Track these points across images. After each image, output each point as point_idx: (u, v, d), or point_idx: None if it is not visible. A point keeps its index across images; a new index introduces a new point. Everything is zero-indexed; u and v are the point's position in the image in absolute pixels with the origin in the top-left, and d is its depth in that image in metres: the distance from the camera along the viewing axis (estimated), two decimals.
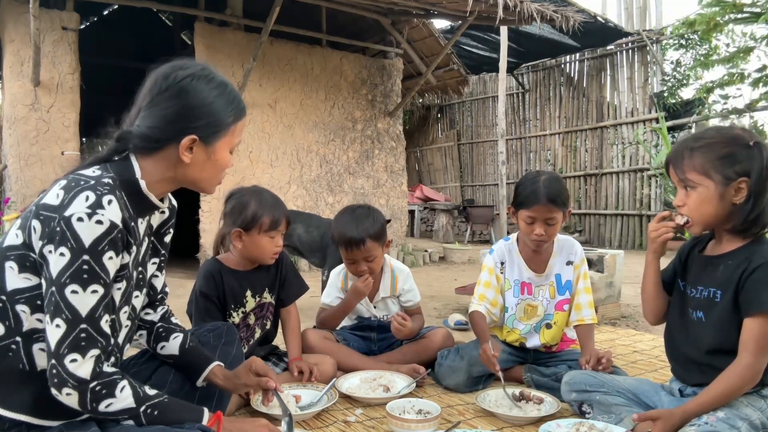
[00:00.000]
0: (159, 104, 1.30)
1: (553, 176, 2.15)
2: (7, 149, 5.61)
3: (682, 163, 1.58)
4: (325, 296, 2.48)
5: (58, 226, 1.15)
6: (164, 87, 1.30)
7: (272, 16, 5.35)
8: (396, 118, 7.65)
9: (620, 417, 1.68)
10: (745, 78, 6.31)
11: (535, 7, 5.45)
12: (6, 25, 5.50)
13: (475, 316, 2.25)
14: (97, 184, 1.20)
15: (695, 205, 1.56)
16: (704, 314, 1.60)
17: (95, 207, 1.16)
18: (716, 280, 1.59)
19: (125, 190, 1.28)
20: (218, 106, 1.33)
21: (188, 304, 2.17)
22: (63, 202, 1.17)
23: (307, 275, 5.73)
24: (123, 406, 1.22)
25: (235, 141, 1.39)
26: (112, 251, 1.19)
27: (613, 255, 3.72)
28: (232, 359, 1.68)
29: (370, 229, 2.26)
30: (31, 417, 1.21)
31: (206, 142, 1.32)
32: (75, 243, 1.14)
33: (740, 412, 1.46)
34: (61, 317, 1.14)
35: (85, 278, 1.15)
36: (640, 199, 9.01)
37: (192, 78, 1.32)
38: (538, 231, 2.10)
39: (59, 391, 1.15)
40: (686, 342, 1.66)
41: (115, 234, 1.18)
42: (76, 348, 1.15)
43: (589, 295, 2.25)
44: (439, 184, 12.70)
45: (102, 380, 1.18)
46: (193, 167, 1.33)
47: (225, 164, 1.39)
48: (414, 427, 1.70)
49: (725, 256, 1.59)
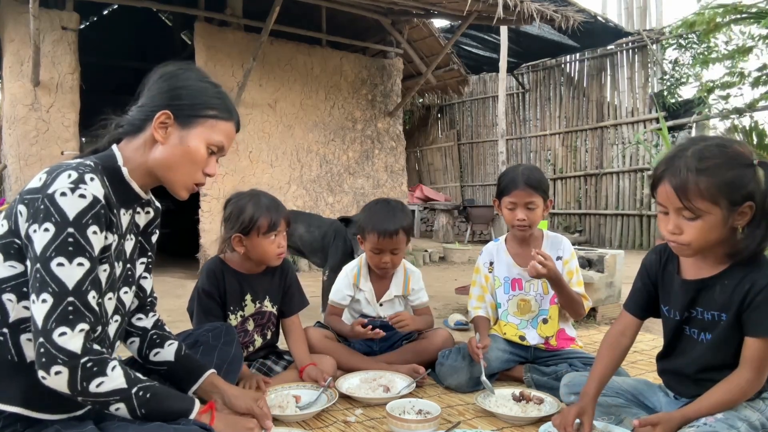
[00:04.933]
0: (151, 89, 1.37)
1: (532, 166, 2.31)
2: (6, 149, 5.61)
3: (686, 188, 1.39)
4: (335, 293, 2.47)
5: (42, 204, 1.16)
6: (158, 76, 1.38)
7: (272, 16, 5.35)
8: (396, 118, 7.65)
9: (620, 418, 1.68)
10: (746, 77, 6.30)
11: (535, 6, 5.45)
12: (6, 25, 5.50)
13: (477, 320, 2.38)
14: (78, 164, 1.23)
15: (700, 234, 1.42)
16: (711, 335, 1.55)
17: (78, 182, 1.18)
18: (716, 302, 1.52)
19: (108, 176, 1.29)
20: (202, 93, 1.37)
21: (189, 301, 2.17)
22: (45, 182, 1.19)
23: (307, 275, 5.75)
24: (114, 386, 1.19)
25: (213, 137, 1.37)
26: (95, 225, 1.20)
27: (613, 255, 3.72)
28: (231, 359, 1.68)
29: (404, 221, 2.32)
30: (22, 408, 1.20)
31: (181, 123, 1.33)
32: (59, 217, 1.16)
33: (739, 413, 1.46)
34: (48, 291, 1.14)
35: (71, 251, 1.16)
36: (640, 199, 9.01)
37: (185, 70, 1.40)
38: (520, 216, 2.21)
39: (47, 371, 1.12)
40: (683, 361, 1.62)
41: (98, 208, 1.20)
42: (65, 321, 1.14)
43: (581, 287, 2.29)
44: (439, 184, 12.70)
45: (93, 356, 1.16)
46: (163, 150, 1.33)
47: (197, 156, 1.35)
48: (414, 427, 1.70)
49: (718, 278, 1.52)
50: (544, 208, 2.25)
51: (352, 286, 2.45)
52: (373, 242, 2.31)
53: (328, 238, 3.70)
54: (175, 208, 10.01)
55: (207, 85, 1.39)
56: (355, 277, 2.46)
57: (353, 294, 2.45)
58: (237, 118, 1.44)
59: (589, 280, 3.43)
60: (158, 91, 1.36)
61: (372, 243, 2.31)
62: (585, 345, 2.68)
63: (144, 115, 1.34)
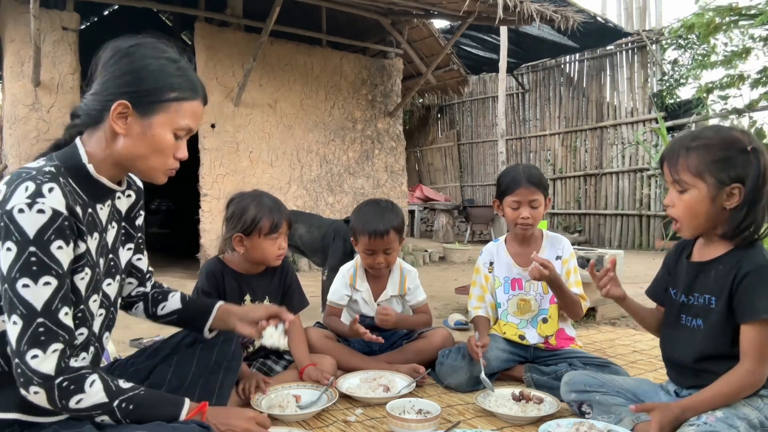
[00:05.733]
0: (103, 72, 1.25)
1: (530, 164, 2.35)
2: (7, 149, 5.61)
3: (676, 162, 1.54)
4: (333, 294, 2.48)
5: (2, 221, 1.11)
6: (110, 55, 1.25)
7: (272, 16, 5.35)
8: (396, 118, 7.65)
9: (620, 417, 1.68)
10: (745, 79, 6.31)
11: (534, 7, 5.46)
12: (6, 25, 5.50)
13: (477, 319, 2.39)
14: (37, 173, 1.15)
15: (685, 207, 1.54)
16: (702, 321, 1.59)
17: (35, 196, 1.11)
18: (709, 286, 1.57)
19: (73, 176, 1.23)
20: (161, 74, 1.24)
21: None
22: (5, 196, 1.13)
23: (307, 275, 5.75)
24: (94, 402, 1.18)
25: (178, 122, 1.26)
26: (60, 240, 1.14)
27: (613, 255, 3.72)
28: (230, 356, 1.67)
29: (394, 221, 2.33)
30: (21, 414, 1.19)
31: (140, 112, 1.22)
32: (19, 235, 1.10)
33: (738, 411, 1.46)
34: (17, 313, 1.11)
35: (35, 270, 1.11)
36: (640, 199, 9.01)
37: (139, 46, 1.26)
38: (524, 214, 2.23)
39: (27, 390, 1.12)
40: (680, 348, 1.65)
41: (60, 222, 1.13)
42: (36, 343, 1.11)
43: (579, 288, 2.29)
44: (439, 184, 12.70)
45: (68, 375, 1.15)
46: (127, 143, 1.23)
47: (164, 145, 1.26)
48: (414, 427, 1.70)
49: (715, 262, 1.57)
50: (545, 206, 2.28)
51: (349, 286, 2.46)
52: (365, 243, 2.32)
53: (328, 238, 3.70)
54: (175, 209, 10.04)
55: (165, 63, 1.26)
56: (351, 278, 2.47)
57: (351, 294, 2.46)
58: (203, 92, 1.32)
59: (588, 280, 3.42)
60: (112, 75, 1.23)
61: (364, 244, 2.33)
62: (585, 345, 2.69)
63: (100, 105, 1.23)
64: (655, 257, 7.57)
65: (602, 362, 2.19)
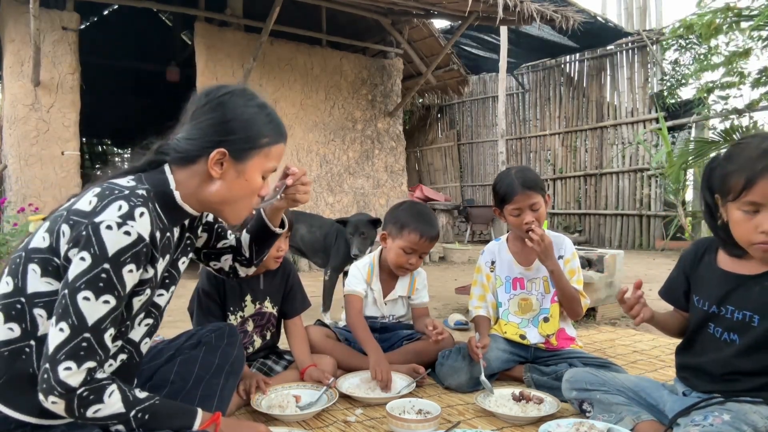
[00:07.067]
0: (197, 118, 1.33)
1: (523, 167, 2.34)
2: (7, 149, 5.61)
3: None
4: (351, 283, 2.41)
5: (85, 230, 1.14)
6: (204, 102, 1.33)
7: (272, 16, 5.35)
8: (396, 118, 7.65)
9: (620, 416, 1.68)
10: (745, 78, 6.31)
11: (535, 7, 5.46)
12: (6, 25, 5.50)
13: (478, 319, 2.39)
14: (131, 194, 1.20)
15: None
16: (738, 337, 1.52)
17: (126, 218, 1.16)
18: (752, 302, 1.49)
19: (159, 201, 1.28)
20: (253, 123, 1.34)
21: (189, 301, 2.18)
22: (95, 208, 1.17)
23: (307, 275, 5.74)
24: (112, 412, 1.19)
25: (269, 165, 1.37)
26: (133, 264, 1.18)
27: (613, 255, 3.72)
28: (233, 360, 1.67)
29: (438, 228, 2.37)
30: (37, 418, 1.21)
31: (236, 158, 1.31)
32: (98, 249, 1.14)
33: (746, 417, 1.45)
34: (67, 322, 1.13)
35: (101, 287, 1.14)
36: (640, 199, 9.02)
37: (231, 95, 1.34)
38: (528, 219, 2.20)
39: (45, 398, 1.13)
40: (706, 357, 1.60)
41: (140, 248, 1.18)
42: (73, 356, 1.13)
43: (580, 286, 2.29)
44: (439, 184, 12.70)
45: (90, 386, 1.16)
46: (221, 185, 1.32)
47: (255, 187, 1.37)
48: (414, 427, 1.70)
49: (761, 277, 1.48)
50: (546, 204, 2.27)
51: (365, 282, 2.43)
52: (411, 242, 2.28)
53: (329, 239, 3.70)
54: None
55: (256, 110, 1.36)
56: (368, 275, 2.43)
57: (366, 290, 2.43)
58: (285, 133, 1.42)
59: (588, 280, 3.43)
60: (207, 123, 1.32)
61: (410, 242, 2.28)
62: (585, 345, 2.69)
63: (196, 150, 1.31)
64: (655, 257, 7.58)
65: (602, 362, 2.18)
